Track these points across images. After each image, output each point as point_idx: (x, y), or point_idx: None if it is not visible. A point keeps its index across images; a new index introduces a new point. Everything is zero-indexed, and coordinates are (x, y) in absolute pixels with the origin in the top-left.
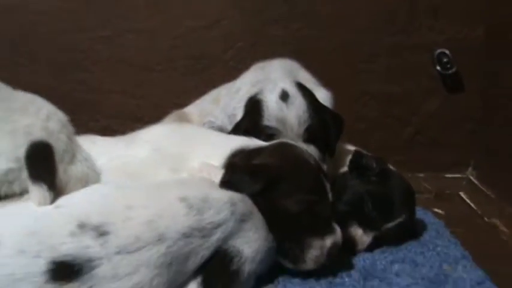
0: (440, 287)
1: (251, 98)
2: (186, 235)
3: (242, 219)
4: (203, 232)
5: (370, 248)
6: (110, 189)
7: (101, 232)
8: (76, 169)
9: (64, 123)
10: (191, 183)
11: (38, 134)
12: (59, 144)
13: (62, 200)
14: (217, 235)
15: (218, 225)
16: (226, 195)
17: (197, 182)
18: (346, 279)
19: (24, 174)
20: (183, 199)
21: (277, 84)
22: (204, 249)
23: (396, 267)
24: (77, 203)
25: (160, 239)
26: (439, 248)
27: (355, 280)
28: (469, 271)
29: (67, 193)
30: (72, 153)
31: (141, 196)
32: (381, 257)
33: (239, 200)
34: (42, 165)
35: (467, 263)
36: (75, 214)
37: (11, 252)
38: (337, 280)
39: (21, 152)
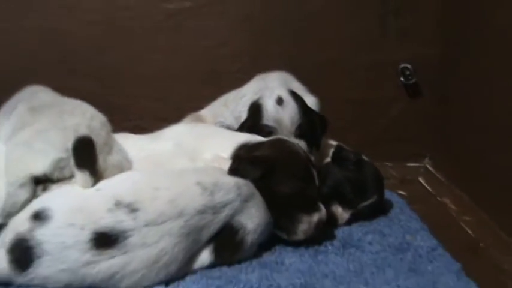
0: (404, 253)
1: (253, 102)
2: (201, 212)
3: (246, 200)
4: (214, 209)
5: (348, 222)
6: (140, 175)
7: (132, 209)
8: (113, 158)
9: (103, 122)
10: (205, 171)
11: (83, 131)
12: (99, 139)
13: (102, 184)
14: (226, 212)
15: (226, 204)
16: (233, 180)
17: (210, 169)
18: (329, 247)
19: (72, 162)
20: (198, 183)
21: (274, 91)
22: (215, 223)
23: (369, 237)
24: (113, 186)
25: (180, 214)
26: (402, 222)
27: (336, 248)
28: (425, 240)
29: (106, 177)
30: (110, 146)
31: (165, 180)
32: (357, 230)
33: (243, 184)
34: (86, 155)
35: (424, 234)
36: (112, 195)
37: (62, 224)
38: (322, 248)
39: (70, 144)
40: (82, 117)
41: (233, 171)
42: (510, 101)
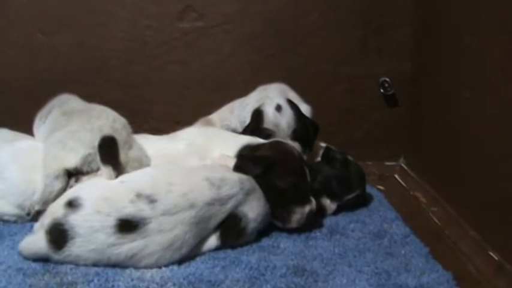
0: (381, 239)
1: (256, 109)
2: (209, 204)
3: (248, 193)
4: (221, 201)
5: (335, 212)
6: (157, 171)
7: (151, 200)
8: (133, 153)
9: (124, 124)
10: (213, 168)
11: (107, 131)
12: (120, 138)
13: (125, 177)
14: (231, 204)
15: (231, 197)
16: (237, 176)
17: (217, 167)
18: (318, 234)
19: (98, 157)
20: (207, 179)
21: (274, 100)
22: (221, 213)
23: (352, 225)
24: (135, 180)
25: (191, 206)
26: (380, 213)
27: (324, 234)
28: (400, 228)
29: (128, 169)
30: (130, 144)
31: (178, 176)
32: (342, 219)
33: (246, 179)
34: (109, 152)
35: (399, 222)
36: (134, 187)
37: (91, 211)
38: (312, 234)
39: (96, 142)
40: (106, 120)
41: (237, 168)
42: (469, 111)
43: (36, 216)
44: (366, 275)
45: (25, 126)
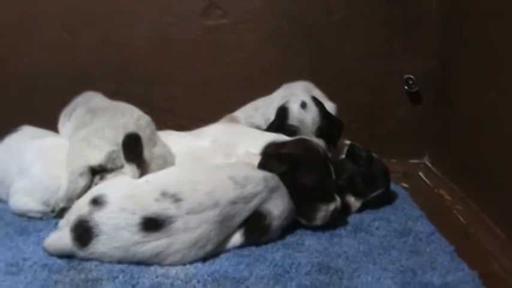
0: (406, 237)
1: (281, 106)
2: (233, 202)
3: (272, 191)
4: (245, 200)
5: (359, 210)
6: (182, 170)
7: (176, 199)
8: (157, 150)
9: (148, 121)
10: (237, 166)
11: (131, 128)
12: (144, 135)
13: (150, 176)
14: (255, 202)
15: (256, 195)
16: (262, 174)
17: (242, 164)
18: (343, 232)
19: (122, 155)
20: (231, 177)
21: (299, 97)
22: (245, 211)
23: (376, 223)
24: (160, 178)
25: (216, 205)
26: (405, 210)
27: (349, 232)
28: (424, 226)
29: (152, 166)
30: (154, 141)
31: (203, 175)
32: (366, 217)
33: (270, 177)
34: (133, 149)
35: (423, 220)
36: (159, 186)
37: (116, 209)
38: (337, 232)
39: (120, 139)
40: (130, 118)
41: (262, 165)
42: (495, 109)
43: (60, 213)
44: (391, 273)
45: (50, 124)
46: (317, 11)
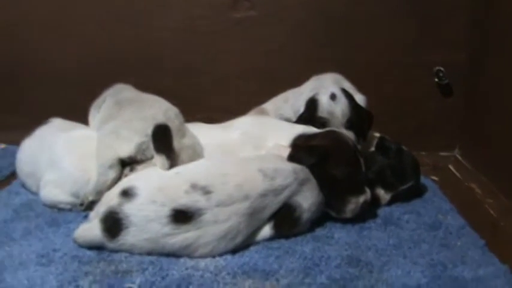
0: (436, 231)
1: (310, 98)
2: (263, 195)
3: (302, 183)
4: (275, 192)
5: (389, 203)
6: (211, 162)
7: (206, 191)
8: (186, 141)
9: (177, 113)
10: (267, 158)
11: (161, 119)
12: (173, 126)
13: (180, 168)
14: (285, 194)
15: (285, 187)
16: (291, 166)
17: (271, 157)
18: (373, 225)
19: (152, 145)
20: (261, 170)
21: (328, 89)
22: (275, 204)
23: (406, 216)
24: (190, 171)
25: (245, 197)
26: (435, 204)
27: (379, 225)
28: (455, 219)
29: (182, 157)
30: (183, 131)
31: (232, 167)
32: (396, 210)
33: (300, 169)
34: (163, 140)
35: (454, 214)
36: (188, 178)
37: (146, 201)
38: (366, 225)
39: (150, 130)
40: (159, 109)
41: (291, 158)
42: None
43: (89, 206)
44: (421, 267)
45: (80, 117)
46: (345, 2)
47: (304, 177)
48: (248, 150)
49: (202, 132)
